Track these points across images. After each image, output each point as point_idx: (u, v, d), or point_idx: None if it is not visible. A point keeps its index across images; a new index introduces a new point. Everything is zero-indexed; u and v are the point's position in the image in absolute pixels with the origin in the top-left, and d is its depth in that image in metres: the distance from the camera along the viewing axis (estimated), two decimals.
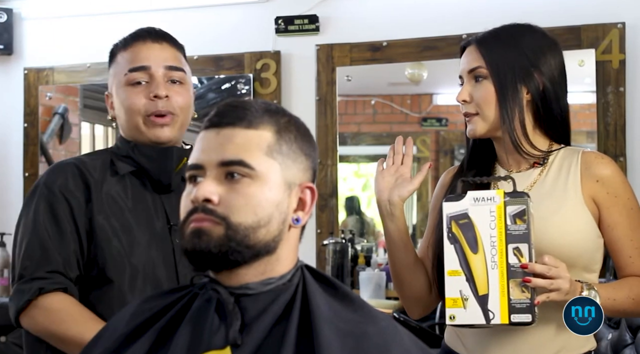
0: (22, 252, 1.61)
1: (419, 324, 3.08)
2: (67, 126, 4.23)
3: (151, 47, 1.70)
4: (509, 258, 1.47)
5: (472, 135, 1.71)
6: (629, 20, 3.25)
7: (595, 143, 3.23)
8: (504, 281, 1.47)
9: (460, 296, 1.49)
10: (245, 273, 1.14)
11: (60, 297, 1.57)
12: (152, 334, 1.17)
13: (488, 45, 1.69)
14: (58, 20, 4.09)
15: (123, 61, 1.71)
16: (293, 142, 1.18)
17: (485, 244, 1.49)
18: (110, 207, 1.65)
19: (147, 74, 1.68)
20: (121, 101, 1.69)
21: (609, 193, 1.63)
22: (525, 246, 1.47)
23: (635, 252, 1.63)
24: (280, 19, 3.68)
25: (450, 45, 3.49)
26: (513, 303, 1.46)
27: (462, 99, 1.69)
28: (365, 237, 4.10)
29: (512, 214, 1.48)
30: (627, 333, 2.45)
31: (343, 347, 1.06)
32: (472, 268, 1.49)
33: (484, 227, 1.49)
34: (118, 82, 1.70)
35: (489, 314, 1.48)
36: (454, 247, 1.51)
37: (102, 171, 1.68)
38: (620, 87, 3.23)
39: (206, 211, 1.12)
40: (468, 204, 1.51)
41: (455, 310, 1.50)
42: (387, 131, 4.13)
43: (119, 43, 1.75)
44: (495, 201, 1.49)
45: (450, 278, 1.51)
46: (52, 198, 1.63)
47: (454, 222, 1.51)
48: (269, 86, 3.72)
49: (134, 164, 1.70)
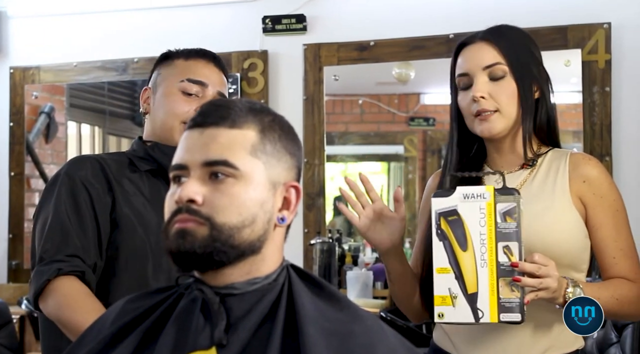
0: (43, 236, 1.65)
1: (406, 324, 3.08)
2: (54, 125, 4.21)
3: (213, 69, 1.82)
4: (499, 257, 1.46)
5: (488, 133, 1.66)
6: (614, 21, 3.26)
7: (581, 143, 3.25)
8: (494, 279, 1.46)
9: (449, 294, 1.48)
10: (230, 272, 1.14)
11: (73, 282, 1.60)
12: (138, 335, 1.16)
13: (504, 42, 1.67)
14: (44, 19, 4.08)
15: (182, 68, 1.79)
16: (277, 141, 1.18)
17: (474, 241, 1.47)
18: (132, 200, 1.71)
19: (201, 90, 1.78)
20: (167, 102, 1.77)
21: (595, 194, 1.63)
22: (516, 244, 1.46)
23: (619, 253, 1.63)
24: (268, 19, 3.68)
25: (438, 45, 3.50)
26: (502, 302, 1.45)
27: (482, 95, 1.64)
28: (352, 237, 4.10)
29: (502, 212, 1.46)
30: (613, 332, 2.46)
31: (328, 346, 1.06)
32: (461, 265, 1.48)
33: (474, 224, 1.47)
34: (169, 85, 1.78)
35: (478, 313, 1.47)
36: (443, 245, 1.49)
37: (120, 168, 1.75)
38: (606, 87, 3.24)
39: (190, 212, 1.11)
40: (457, 201, 1.49)
41: (443, 308, 1.48)
42: (375, 131, 4.13)
43: (179, 51, 1.83)
44: (485, 198, 1.47)
45: (439, 276, 1.49)
46: (74, 186, 1.68)
47: (442, 219, 1.50)
48: (256, 86, 3.72)
49: (153, 163, 1.77)
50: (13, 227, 4.11)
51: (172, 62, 1.82)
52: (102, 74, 3.97)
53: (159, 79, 1.81)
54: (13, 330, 3.21)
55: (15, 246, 4.10)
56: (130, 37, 3.92)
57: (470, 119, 1.68)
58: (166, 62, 1.83)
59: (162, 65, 1.84)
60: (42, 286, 1.59)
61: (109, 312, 1.24)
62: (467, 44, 1.70)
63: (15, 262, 4.09)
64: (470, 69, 1.67)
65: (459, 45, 1.71)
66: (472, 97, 1.64)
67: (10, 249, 4.10)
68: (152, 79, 1.84)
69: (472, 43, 1.69)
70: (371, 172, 4.30)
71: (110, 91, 4.19)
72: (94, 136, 4.50)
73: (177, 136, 1.73)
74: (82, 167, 1.71)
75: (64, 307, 1.58)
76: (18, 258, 4.09)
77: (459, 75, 1.69)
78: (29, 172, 4.15)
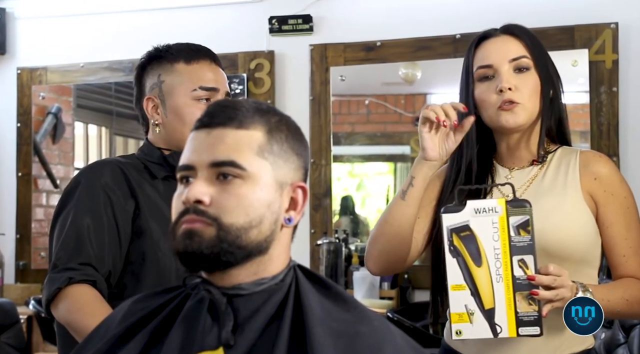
0: (59, 242, 1.66)
1: (413, 324, 3.08)
2: (61, 125, 4.23)
3: (215, 70, 1.80)
4: (515, 271, 1.44)
5: (513, 123, 1.64)
6: (622, 21, 3.26)
7: (588, 143, 3.24)
8: (510, 294, 1.44)
9: (466, 311, 1.46)
10: (237, 273, 1.14)
11: (85, 289, 1.60)
12: (145, 335, 1.16)
13: (527, 37, 1.68)
14: (51, 20, 4.09)
15: (189, 75, 1.76)
16: (284, 141, 1.17)
17: (489, 256, 1.45)
18: (159, 206, 1.71)
19: (213, 94, 1.76)
20: (185, 113, 1.75)
21: (605, 191, 1.64)
22: (531, 257, 1.44)
23: (629, 251, 1.63)
24: (274, 19, 3.68)
25: (444, 45, 3.50)
26: (520, 316, 1.44)
27: (509, 86, 1.64)
28: (359, 237, 4.09)
29: (515, 225, 1.44)
30: (620, 332, 2.45)
31: (336, 347, 1.06)
32: (476, 281, 1.46)
33: (487, 239, 1.46)
34: (181, 95, 1.75)
35: (496, 328, 1.46)
36: (457, 261, 1.47)
37: (140, 174, 1.75)
38: (614, 87, 3.24)
39: (198, 212, 1.11)
40: (469, 216, 1.47)
41: (461, 325, 1.47)
42: (381, 131, 4.12)
43: (177, 54, 1.78)
44: (497, 212, 1.45)
45: (454, 293, 1.47)
46: (93, 192, 1.68)
47: (455, 235, 1.47)
48: (262, 86, 3.72)
49: (168, 170, 1.76)
50: (20, 228, 4.12)
51: (172, 67, 1.77)
52: (109, 74, 3.98)
53: (165, 88, 1.77)
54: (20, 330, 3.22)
55: (23, 246, 4.12)
56: (137, 38, 3.92)
57: (492, 110, 1.66)
58: (163, 65, 1.78)
59: (159, 70, 1.78)
60: (54, 293, 1.59)
61: (116, 312, 1.24)
62: (487, 37, 1.70)
63: (22, 262, 4.10)
64: (495, 61, 1.66)
65: (479, 39, 1.71)
66: (500, 87, 1.63)
67: (17, 250, 4.12)
68: (151, 86, 1.78)
69: (494, 36, 1.69)
70: (377, 172, 4.30)
71: (117, 92, 4.20)
72: (101, 137, 4.51)
73: None
74: (103, 173, 1.71)
75: (74, 311, 1.58)
76: (25, 258, 4.10)
77: (481, 66, 1.68)
78: (36, 172, 4.17)
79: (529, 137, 1.70)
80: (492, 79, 1.66)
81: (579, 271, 1.60)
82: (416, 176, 1.63)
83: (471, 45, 1.72)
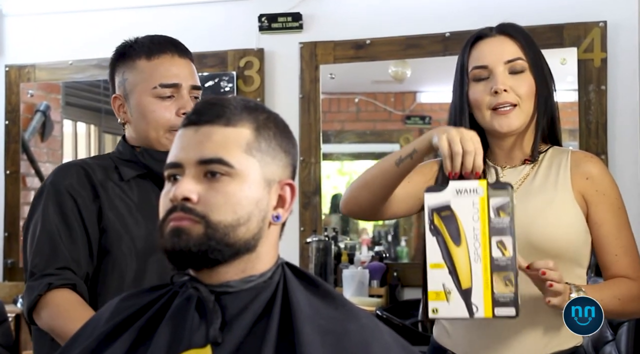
0: (32, 249, 1.64)
1: (402, 322, 3.09)
2: (49, 123, 4.21)
3: (179, 63, 1.75)
4: (493, 252, 1.44)
5: (507, 128, 1.65)
6: (610, 19, 3.27)
7: (577, 141, 3.26)
8: (488, 274, 1.44)
9: (443, 289, 1.46)
10: (225, 271, 1.14)
11: (65, 293, 1.59)
12: (132, 333, 1.16)
13: (522, 38, 1.68)
14: (40, 17, 4.07)
15: (149, 72, 1.72)
16: (272, 139, 1.17)
17: (468, 236, 1.45)
18: (119, 204, 1.69)
19: (176, 90, 1.72)
20: (146, 111, 1.72)
21: (597, 191, 1.65)
22: (509, 238, 1.44)
23: (620, 250, 1.64)
24: (264, 17, 3.68)
25: (434, 43, 3.51)
26: (497, 297, 1.43)
27: (504, 88, 1.64)
28: (348, 235, 4.10)
29: (495, 207, 1.44)
30: (608, 330, 2.46)
31: (324, 344, 1.06)
32: (455, 260, 1.46)
33: (467, 219, 1.46)
34: (141, 93, 1.72)
35: (472, 308, 1.45)
36: (436, 240, 1.47)
37: (106, 174, 1.73)
38: (602, 86, 3.25)
39: (185, 210, 1.11)
40: (450, 196, 1.47)
41: (438, 303, 1.47)
42: (371, 129, 4.13)
43: (139, 49, 1.75)
44: (478, 193, 1.46)
45: (432, 271, 1.47)
46: (59, 197, 1.66)
47: (436, 215, 1.48)
48: (252, 84, 3.72)
49: (140, 168, 1.74)
50: (8, 226, 4.11)
51: (133, 63, 1.74)
52: (97, 72, 3.97)
53: (128, 86, 1.75)
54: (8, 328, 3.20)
55: (11, 244, 4.10)
56: (126, 35, 3.90)
57: (485, 112, 1.67)
58: (127, 63, 1.76)
59: (124, 68, 1.76)
60: (35, 301, 1.58)
61: (103, 310, 1.24)
62: (483, 37, 1.70)
63: (10, 260, 4.09)
64: (490, 62, 1.66)
65: (474, 38, 1.71)
66: (494, 89, 1.64)
67: (5, 248, 4.10)
68: (118, 84, 1.78)
69: (489, 36, 1.69)
70: None
71: (106, 89, 4.14)
72: (89, 134, 4.49)
73: (165, 142, 1.71)
74: (67, 176, 1.69)
75: (56, 317, 1.57)
76: (14, 257, 4.09)
77: (475, 67, 1.68)
78: (24, 170, 4.15)
79: (523, 138, 1.70)
80: (486, 79, 1.66)
81: (568, 269, 1.61)
82: (419, 150, 1.60)
83: (466, 44, 1.71)
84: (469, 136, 1.49)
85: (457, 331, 1.69)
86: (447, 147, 1.48)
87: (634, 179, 3.16)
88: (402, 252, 3.93)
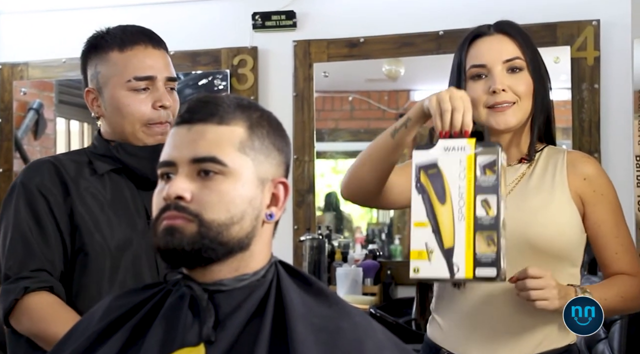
0: (5, 251, 1.61)
1: (395, 320, 3.09)
2: (42, 121, 4.19)
3: (153, 54, 1.69)
4: (477, 210, 1.40)
5: (504, 125, 1.65)
6: (603, 18, 3.28)
7: (570, 140, 3.26)
8: (471, 233, 1.39)
9: (426, 249, 1.41)
10: (219, 269, 1.14)
11: (44, 296, 1.56)
12: (125, 332, 1.16)
13: (520, 37, 1.68)
14: (33, 15, 4.06)
15: (122, 64, 1.67)
16: (265, 137, 1.17)
17: (453, 195, 1.41)
18: (90, 201, 1.65)
19: (151, 82, 1.68)
20: (121, 105, 1.67)
21: (595, 191, 1.66)
22: (494, 197, 1.39)
23: (620, 248, 1.66)
24: (258, 15, 3.67)
25: (428, 42, 3.51)
26: (478, 257, 1.38)
27: (503, 87, 1.64)
28: (342, 233, 4.10)
29: (482, 165, 1.40)
30: (601, 328, 2.47)
31: (317, 342, 1.06)
32: (438, 219, 1.41)
33: (453, 177, 1.41)
34: (115, 87, 1.67)
35: (453, 268, 1.39)
36: (422, 198, 1.43)
37: (78, 170, 1.68)
38: (595, 84, 3.26)
39: (179, 209, 1.11)
40: (438, 154, 1.43)
41: (419, 262, 1.41)
42: (365, 127, 4.13)
43: (112, 41, 1.69)
44: (465, 151, 1.42)
45: (416, 229, 1.43)
46: (30, 196, 1.63)
47: (422, 172, 1.44)
48: (246, 82, 3.71)
49: (115, 162, 1.70)
50: None
51: (106, 55, 1.68)
52: None
53: (101, 80, 1.69)
54: None
55: None
56: None
57: (481, 110, 1.66)
58: (99, 55, 1.69)
59: (96, 60, 1.70)
60: (11, 305, 1.55)
61: (96, 309, 1.24)
62: (481, 35, 1.69)
63: None
64: (489, 61, 1.66)
65: (472, 36, 1.70)
66: (493, 89, 1.63)
67: None
68: (90, 77, 1.72)
69: (488, 35, 1.69)
70: None
71: None
72: (83, 133, 4.48)
73: (142, 136, 1.68)
74: (38, 174, 1.65)
75: (37, 321, 1.54)
76: None
77: (474, 65, 1.67)
78: (17, 168, 4.13)
79: (519, 137, 1.70)
80: (484, 78, 1.66)
81: (562, 268, 1.62)
82: (413, 117, 1.58)
83: (464, 42, 1.71)
84: (458, 94, 1.47)
85: (451, 328, 1.69)
86: (437, 106, 1.47)
87: (627, 177, 3.17)
88: (395, 251, 3.93)
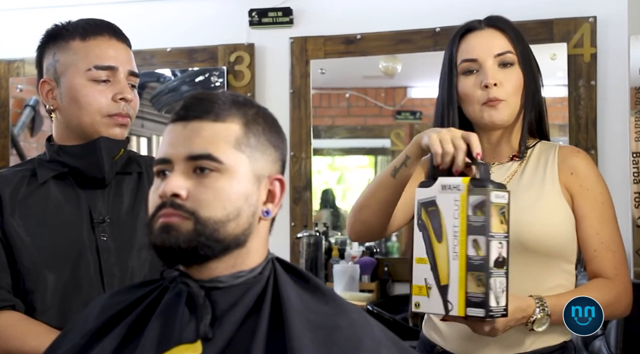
0: None
1: (392, 317, 3.09)
2: (39, 118, 4.18)
3: (116, 46, 1.64)
4: (469, 250, 1.43)
5: (498, 120, 1.65)
6: (600, 14, 3.28)
7: (566, 136, 3.26)
8: (463, 272, 1.43)
9: (425, 284, 1.47)
10: (215, 266, 1.14)
11: (10, 314, 1.54)
12: (122, 329, 1.16)
13: (512, 32, 1.68)
14: (29, 12, 4.05)
15: (83, 53, 1.61)
16: (261, 134, 1.17)
17: (449, 233, 1.45)
18: (24, 216, 1.59)
19: (112, 74, 1.62)
20: (79, 95, 1.61)
21: (581, 186, 1.65)
22: (483, 238, 1.42)
23: (600, 246, 1.64)
24: (254, 12, 3.67)
25: (424, 39, 3.50)
26: (469, 296, 1.42)
27: (495, 82, 1.64)
28: (339, 230, 4.09)
29: (472, 205, 1.43)
30: None
31: (314, 339, 1.06)
32: (436, 256, 1.46)
33: (449, 216, 1.45)
34: (75, 75, 1.61)
35: (448, 305, 1.45)
36: (422, 235, 1.48)
37: (20, 182, 1.62)
38: (592, 81, 3.26)
39: (174, 206, 1.11)
40: (436, 192, 1.47)
41: (420, 298, 1.48)
42: (362, 124, 4.12)
43: (74, 31, 1.63)
44: (459, 190, 1.45)
45: (417, 266, 1.49)
46: None
47: (423, 210, 1.49)
48: (242, 79, 3.71)
49: (61, 166, 1.63)
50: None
51: (67, 44, 1.62)
52: None
53: (59, 68, 1.62)
54: None
55: None
56: None
57: (475, 106, 1.66)
58: (58, 44, 1.63)
59: (55, 49, 1.64)
60: None
61: (93, 306, 1.23)
62: (472, 29, 1.69)
63: None
64: (480, 55, 1.66)
65: (463, 31, 1.70)
66: (485, 83, 1.64)
67: None
68: (47, 67, 1.65)
69: (479, 29, 1.69)
70: (358, 166, 4.30)
71: None
72: None
73: (101, 129, 1.61)
74: None
75: (10, 339, 1.51)
76: None
77: (465, 60, 1.67)
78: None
79: (510, 133, 1.70)
80: (475, 73, 1.66)
81: (556, 265, 1.62)
82: (412, 156, 1.59)
83: (455, 36, 1.71)
84: (458, 134, 1.48)
85: (446, 326, 1.69)
86: (439, 146, 1.47)
87: (623, 174, 3.17)
88: (392, 248, 3.93)
